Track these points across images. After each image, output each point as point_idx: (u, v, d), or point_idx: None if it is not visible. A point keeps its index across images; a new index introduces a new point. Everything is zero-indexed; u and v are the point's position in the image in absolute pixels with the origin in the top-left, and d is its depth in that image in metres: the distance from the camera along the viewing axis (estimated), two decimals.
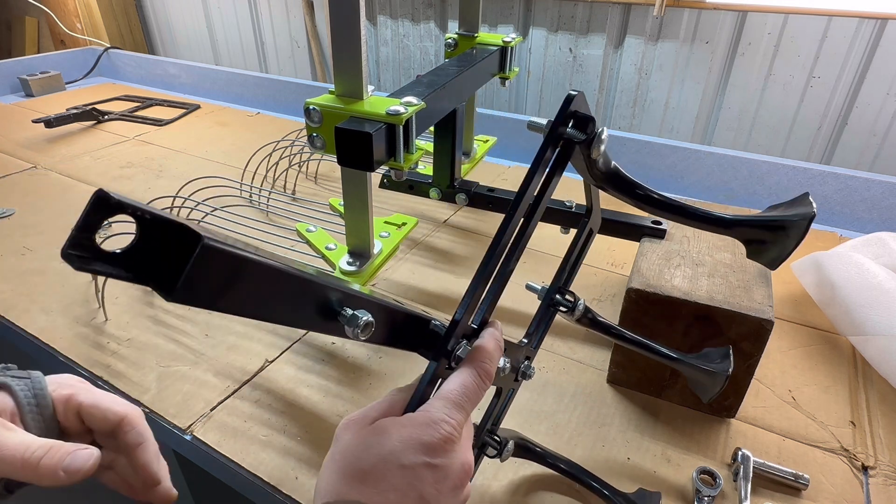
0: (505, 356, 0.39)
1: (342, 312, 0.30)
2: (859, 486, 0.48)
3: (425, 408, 0.32)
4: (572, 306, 0.47)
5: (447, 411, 0.32)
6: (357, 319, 0.30)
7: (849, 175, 0.87)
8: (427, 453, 0.30)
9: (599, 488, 0.46)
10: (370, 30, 1.77)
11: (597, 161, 0.41)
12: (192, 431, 0.52)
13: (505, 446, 0.42)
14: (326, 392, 0.57)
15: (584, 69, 1.48)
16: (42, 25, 2.44)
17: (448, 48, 0.79)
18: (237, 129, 1.28)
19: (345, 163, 0.50)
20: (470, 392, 0.33)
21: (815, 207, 0.40)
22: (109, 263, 0.20)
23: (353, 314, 0.30)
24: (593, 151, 0.39)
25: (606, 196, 0.47)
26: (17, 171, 1.05)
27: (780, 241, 0.42)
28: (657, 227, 0.61)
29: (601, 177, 0.44)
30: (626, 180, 0.45)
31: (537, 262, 0.78)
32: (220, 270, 0.22)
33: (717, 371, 0.44)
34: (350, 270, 0.61)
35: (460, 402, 0.32)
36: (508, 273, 0.38)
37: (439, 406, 0.32)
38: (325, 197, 0.91)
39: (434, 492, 0.30)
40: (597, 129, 0.39)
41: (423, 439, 0.30)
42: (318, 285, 0.28)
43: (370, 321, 0.30)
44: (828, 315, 0.66)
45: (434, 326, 0.36)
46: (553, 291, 0.48)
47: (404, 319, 0.35)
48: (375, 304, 0.32)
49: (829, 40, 1.19)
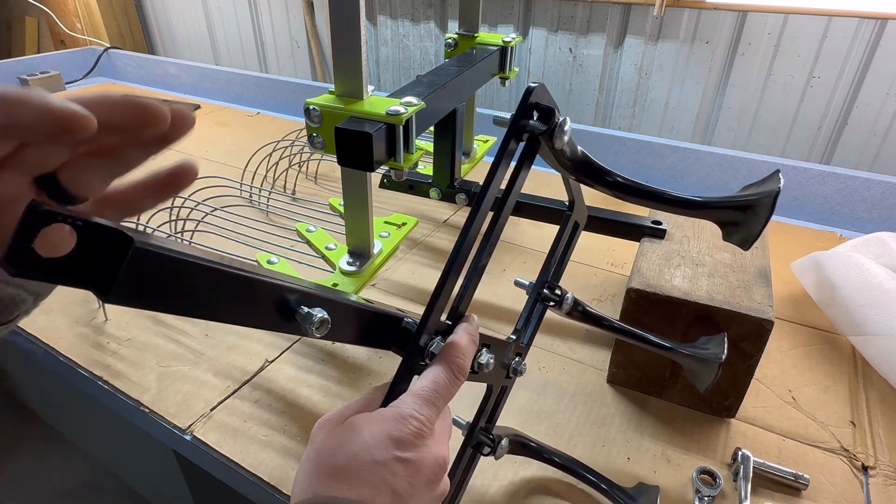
0: (489, 352, 0.39)
1: (298, 311, 0.30)
2: (859, 486, 0.48)
3: (396, 403, 0.32)
4: (560, 300, 0.48)
5: (416, 406, 0.32)
6: (311, 317, 0.30)
7: (849, 175, 0.87)
8: (397, 448, 0.30)
9: (597, 482, 0.46)
10: (370, 30, 1.77)
11: (563, 151, 0.42)
12: (193, 431, 0.52)
13: (499, 444, 0.42)
14: (326, 392, 0.57)
15: (584, 69, 1.48)
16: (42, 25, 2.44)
17: (448, 48, 0.79)
18: (237, 129, 1.28)
19: (345, 163, 0.50)
20: (441, 388, 0.33)
21: (781, 183, 0.40)
22: (48, 270, 0.21)
23: (307, 312, 0.30)
24: (556, 142, 0.40)
25: (605, 196, 0.47)
26: None
27: (749, 221, 0.42)
28: (657, 227, 0.61)
29: (571, 167, 0.44)
30: (597, 168, 0.45)
31: (537, 261, 0.78)
32: (156, 272, 0.23)
33: (710, 359, 0.44)
34: (350, 270, 0.61)
35: (430, 397, 0.33)
36: (482, 268, 0.39)
37: (409, 402, 0.32)
38: (325, 197, 0.91)
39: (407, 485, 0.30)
40: (557, 119, 0.39)
41: (393, 434, 0.31)
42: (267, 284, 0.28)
43: (325, 318, 0.30)
44: (828, 315, 0.66)
45: (406, 324, 0.36)
46: (540, 286, 0.48)
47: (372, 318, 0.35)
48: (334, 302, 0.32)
49: (829, 40, 1.19)
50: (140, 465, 0.92)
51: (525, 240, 0.83)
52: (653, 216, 0.64)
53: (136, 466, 0.96)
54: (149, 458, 0.83)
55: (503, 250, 0.81)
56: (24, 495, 1.21)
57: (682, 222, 0.63)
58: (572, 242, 0.54)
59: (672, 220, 0.63)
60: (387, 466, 0.30)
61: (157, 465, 0.82)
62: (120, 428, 0.84)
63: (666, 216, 0.64)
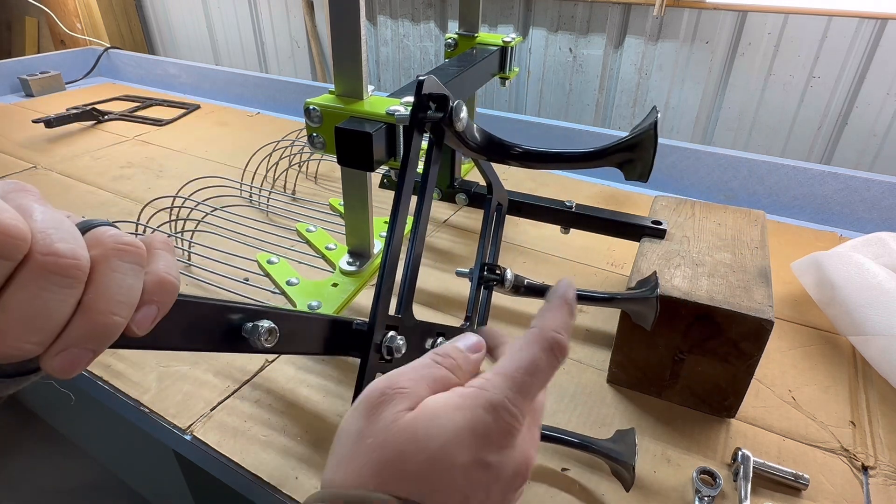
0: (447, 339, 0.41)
1: (244, 327, 0.29)
2: (859, 486, 0.48)
3: (482, 385, 0.26)
4: (501, 278, 0.51)
5: (510, 394, 0.25)
6: (257, 328, 0.29)
7: (849, 175, 0.87)
8: (482, 448, 0.24)
9: (578, 441, 0.48)
10: (370, 30, 1.77)
11: (465, 134, 0.44)
12: (192, 431, 0.52)
13: None
14: (326, 392, 0.57)
15: (584, 69, 1.48)
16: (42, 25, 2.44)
17: (448, 48, 0.79)
18: (237, 129, 1.28)
19: (345, 163, 0.50)
20: (540, 370, 0.26)
21: (658, 115, 0.48)
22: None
23: (252, 325, 0.29)
24: (457, 125, 0.42)
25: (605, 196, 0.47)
26: (17, 171, 1.05)
27: (641, 155, 0.49)
28: (657, 227, 0.61)
29: (477, 148, 0.47)
30: (501, 143, 0.49)
31: (537, 261, 0.78)
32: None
33: (647, 296, 0.49)
34: (350, 270, 0.61)
35: (526, 382, 0.26)
36: (418, 257, 0.40)
37: (500, 385, 0.25)
38: (325, 197, 0.91)
39: (483, 495, 0.24)
40: (452, 104, 0.41)
41: (479, 429, 0.24)
42: (202, 306, 0.28)
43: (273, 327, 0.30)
44: (828, 315, 0.66)
45: (357, 325, 0.37)
46: (480, 269, 0.51)
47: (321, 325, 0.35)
48: (278, 314, 0.31)
49: (829, 40, 1.19)
50: (140, 465, 0.92)
51: (525, 240, 0.83)
52: (653, 216, 0.64)
53: (136, 466, 0.96)
54: (149, 458, 0.83)
55: (504, 250, 0.81)
56: (24, 495, 1.21)
57: (682, 222, 0.63)
58: (500, 223, 0.57)
59: (672, 220, 0.63)
60: (465, 471, 0.24)
61: (157, 465, 0.82)
62: (120, 428, 0.84)
63: (666, 216, 0.64)
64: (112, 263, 0.22)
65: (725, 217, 0.64)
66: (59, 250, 0.20)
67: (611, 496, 0.47)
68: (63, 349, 0.21)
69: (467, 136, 0.45)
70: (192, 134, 1.25)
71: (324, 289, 0.59)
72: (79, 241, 0.21)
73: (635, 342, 0.54)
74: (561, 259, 0.79)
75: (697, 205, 0.67)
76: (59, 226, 0.21)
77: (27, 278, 0.20)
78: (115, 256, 0.22)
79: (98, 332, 0.22)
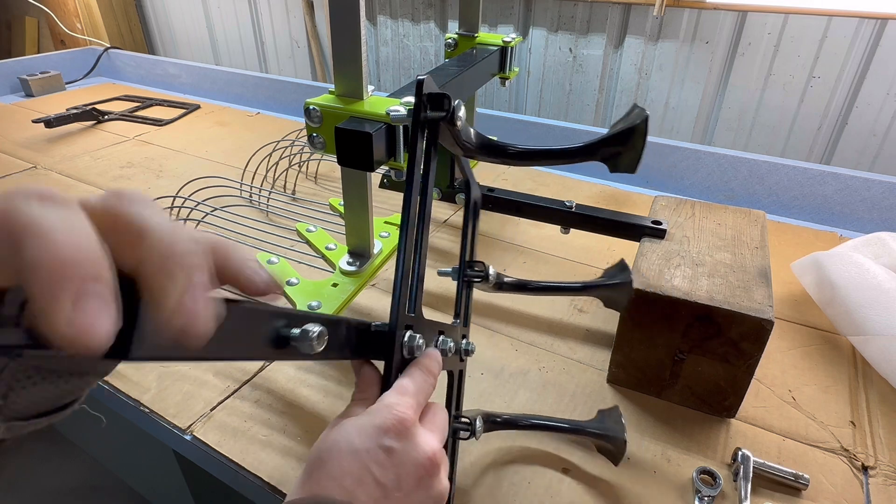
0: (446, 336, 0.42)
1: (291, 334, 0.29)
2: (859, 486, 0.48)
3: (381, 398, 0.33)
4: (485, 274, 0.52)
5: (396, 398, 0.33)
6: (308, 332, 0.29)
7: (849, 175, 0.87)
8: (380, 435, 0.30)
9: (567, 427, 0.49)
10: (370, 30, 1.77)
11: (461, 132, 0.45)
12: (193, 431, 0.52)
13: (475, 424, 0.44)
14: (326, 392, 0.57)
15: (584, 69, 1.48)
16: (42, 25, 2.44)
17: (448, 48, 0.79)
18: (237, 129, 1.28)
19: (345, 163, 0.50)
20: (418, 381, 0.35)
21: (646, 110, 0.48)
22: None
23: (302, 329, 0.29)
24: (458, 123, 0.42)
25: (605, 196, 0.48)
26: (17, 172, 1.05)
27: (631, 147, 0.50)
28: (657, 227, 0.61)
29: (471, 147, 0.48)
30: (497, 144, 0.50)
31: (537, 261, 0.78)
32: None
33: (621, 281, 0.51)
34: (350, 270, 0.61)
35: (409, 389, 0.34)
36: (424, 253, 0.41)
37: (390, 394, 0.33)
38: (325, 197, 0.91)
39: (394, 478, 0.29)
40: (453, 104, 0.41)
41: (376, 422, 0.31)
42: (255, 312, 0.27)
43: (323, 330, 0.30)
44: (828, 315, 0.66)
45: (375, 327, 0.37)
46: (463, 268, 0.52)
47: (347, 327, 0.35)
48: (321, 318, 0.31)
49: (829, 40, 1.19)
50: (140, 465, 0.92)
51: (525, 240, 0.83)
52: (653, 216, 0.64)
53: (136, 466, 0.96)
54: (149, 458, 0.83)
55: (504, 250, 0.81)
56: (24, 495, 1.21)
57: (682, 222, 0.63)
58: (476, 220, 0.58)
59: (672, 220, 0.63)
60: (369, 454, 0.29)
61: (157, 465, 0.82)
62: (120, 428, 0.84)
63: (666, 216, 0.64)
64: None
65: (725, 217, 0.64)
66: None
67: (611, 496, 0.47)
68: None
69: (462, 136, 0.46)
70: (192, 134, 1.25)
71: (324, 289, 0.59)
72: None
73: (635, 342, 0.54)
74: (561, 259, 0.79)
75: (697, 205, 0.67)
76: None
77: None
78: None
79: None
